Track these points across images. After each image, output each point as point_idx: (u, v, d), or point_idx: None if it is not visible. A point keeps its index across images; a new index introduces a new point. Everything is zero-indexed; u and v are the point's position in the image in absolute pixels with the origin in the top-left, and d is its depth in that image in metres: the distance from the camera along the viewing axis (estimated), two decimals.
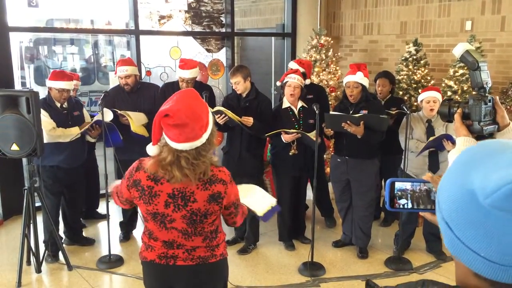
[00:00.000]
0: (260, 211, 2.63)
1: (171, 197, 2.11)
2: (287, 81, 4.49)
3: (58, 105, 4.35)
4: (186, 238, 2.20)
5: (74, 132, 4.27)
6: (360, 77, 4.30)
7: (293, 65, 5.11)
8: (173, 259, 2.24)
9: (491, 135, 1.65)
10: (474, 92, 1.71)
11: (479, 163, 0.81)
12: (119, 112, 4.50)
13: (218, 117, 4.28)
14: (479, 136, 1.64)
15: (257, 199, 2.67)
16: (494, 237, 0.78)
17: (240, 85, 4.43)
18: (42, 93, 4.40)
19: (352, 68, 4.42)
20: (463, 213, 0.81)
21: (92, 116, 4.71)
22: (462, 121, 1.66)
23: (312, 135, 4.31)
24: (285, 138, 4.37)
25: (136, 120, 4.52)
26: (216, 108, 4.36)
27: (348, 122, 4.19)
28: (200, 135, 2.05)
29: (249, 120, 4.34)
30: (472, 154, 0.85)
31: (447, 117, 1.73)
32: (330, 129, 4.44)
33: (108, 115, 4.32)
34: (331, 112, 4.51)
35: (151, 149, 2.11)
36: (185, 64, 4.67)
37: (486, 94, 1.64)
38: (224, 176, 2.17)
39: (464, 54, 1.66)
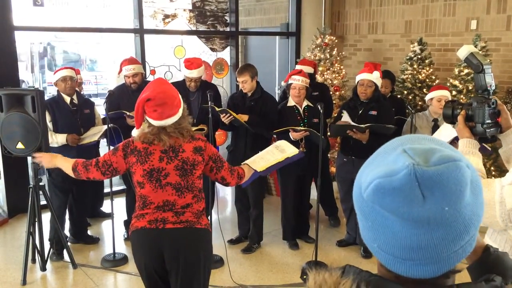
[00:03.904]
0: (260, 167, 2.97)
1: (164, 152, 2.53)
2: (291, 83, 4.49)
3: (68, 100, 4.38)
4: (179, 195, 2.54)
5: (59, 139, 4.29)
6: (376, 77, 4.29)
7: (308, 69, 5.09)
8: (162, 223, 2.53)
9: (493, 137, 1.65)
10: (476, 94, 1.70)
11: (372, 162, 0.85)
12: (128, 114, 4.51)
13: (224, 116, 4.29)
14: (481, 138, 1.64)
15: (267, 158, 3.04)
16: (379, 228, 0.81)
17: (247, 84, 4.45)
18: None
19: (368, 66, 4.39)
20: (357, 204, 0.86)
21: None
22: (465, 123, 1.66)
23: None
24: (293, 135, 4.37)
25: None
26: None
27: (354, 129, 4.19)
28: (177, 111, 2.50)
29: (243, 117, 4.35)
30: (378, 150, 0.88)
31: (451, 119, 1.73)
32: (334, 137, 4.44)
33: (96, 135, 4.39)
34: (337, 123, 4.43)
35: (136, 132, 2.56)
36: (192, 63, 4.62)
37: (490, 97, 1.64)
38: (202, 137, 2.67)
39: (469, 56, 1.67)
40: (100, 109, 4.81)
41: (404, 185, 0.75)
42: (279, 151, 3.12)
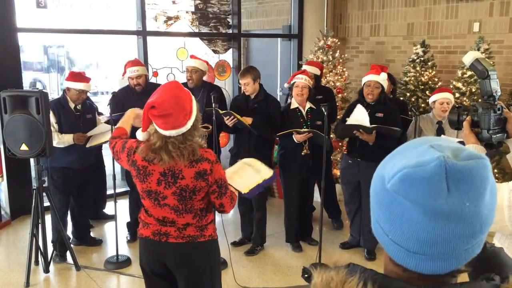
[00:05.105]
0: (243, 188, 2.73)
1: (163, 175, 2.33)
2: (294, 82, 4.51)
3: (72, 106, 4.39)
4: (178, 215, 2.41)
5: (67, 139, 4.32)
6: (383, 78, 4.30)
7: (314, 70, 5.13)
8: (165, 236, 2.44)
9: (500, 143, 1.65)
10: (482, 100, 1.71)
11: (396, 155, 0.86)
12: None
13: (227, 119, 4.30)
14: (488, 144, 1.65)
15: (245, 177, 2.80)
16: (396, 220, 0.82)
17: (250, 87, 4.45)
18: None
19: (375, 68, 4.39)
20: (377, 196, 0.87)
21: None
22: (471, 129, 1.67)
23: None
24: (297, 138, 4.37)
25: None
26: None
27: (360, 130, 4.19)
28: (185, 123, 2.24)
29: (247, 120, 4.37)
30: (401, 147, 0.90)
31: (456, 125, 1.74)
32: (340, 138, 4.44)
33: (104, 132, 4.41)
34: (348, 123, 4.40)
35: (140, 135, 2.34)
36: (192, 56, 4.91)
37: (496, 103, 1.64)
38: (210, 156, 2.38)
39: (474, 62, 1.67)
40: (105, 111, 4.82)
41: (433, 175, 0.77)
42: (255, 171, 2.89)
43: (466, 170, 0.77)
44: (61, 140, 4.28)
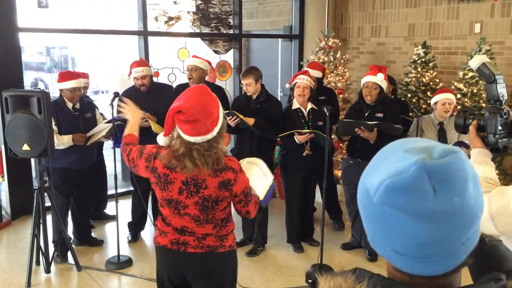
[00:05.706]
0: (259, 194, 2.69)
1: (185, 184, 2.23)
2: (296, 82, 4.51)
3: (70, 106, 4.38)
4: (198, 225, 2.32)
5: (66, 140, 4.30)
6: (380, 79, 4.31)
7: (317, 74, 5.12)
8: (184, 246, 2.34)
9: (506, 148, 1.66)
10: (488, 105, 1.71)
11: (376, 164, 0.86)
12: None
13: (230, 119, 4.29)
14: (493, 148, 1.65)
15: (256, 179, 2.75)
16: (392, 231, 0.81)
17: (252, 87, 4.45)
18: None
19: (373, 69, 4.42)
20: (366, 211, 0.86)
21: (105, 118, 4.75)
22: (477, 133, 1.67)
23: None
24: (298, 138, 4.37)
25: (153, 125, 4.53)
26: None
27: (361, 127, 4.20)
28: (211, 129, 2.16)
29: (249, 121, 4.37)
30: (377, 155, 0.89)
31: (462, 129, 1.74)
32: (341, 136, 4.48)
33: (103, 130, 4.40)
34: (345, 119, 4.44)
35: (162, 139, 2.25)
36: (194, 56, 4.94)
37: (502, 107, 1.65)
38: (234, 165, 2.28)
39: (481, 66, 1.67)
40: (106, 111, 4.81)
41: (415, 180, 0.76)
42: (262, 173, 2.83)
43: (444, 167, 0.77)
44: (60, 141, 4.25)
